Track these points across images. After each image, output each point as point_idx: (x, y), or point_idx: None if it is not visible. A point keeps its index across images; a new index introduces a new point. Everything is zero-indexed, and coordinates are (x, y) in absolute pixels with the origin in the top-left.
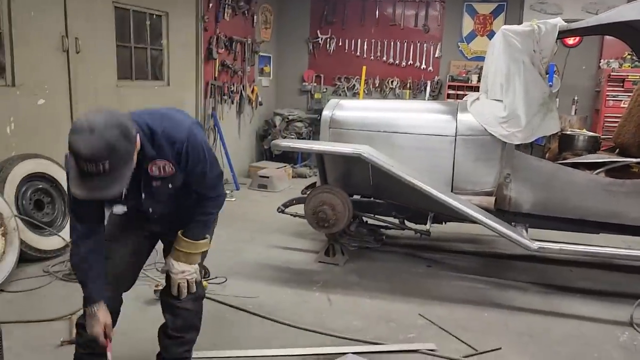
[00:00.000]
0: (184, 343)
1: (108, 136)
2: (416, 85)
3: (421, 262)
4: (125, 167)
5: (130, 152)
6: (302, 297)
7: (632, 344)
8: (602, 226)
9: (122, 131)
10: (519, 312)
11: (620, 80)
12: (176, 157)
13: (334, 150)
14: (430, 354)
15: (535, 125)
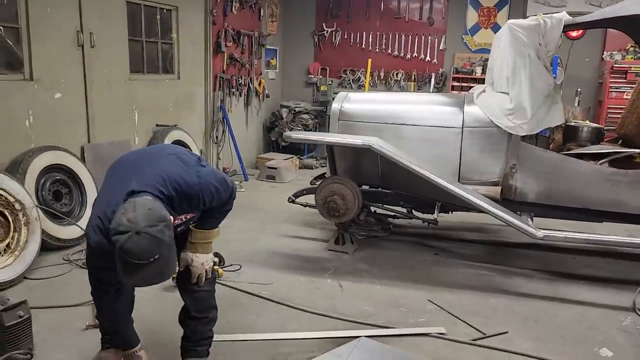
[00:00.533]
0: (207, 322)
1: (153, 233)
2: (421, 77)
3: (429, 250)
4: (172, 251)
5: (172, 237)
6: (314, 284)
7: (634, 328)
8: (605, 215)
9: (163, 223)
10: (525, 298)
11: (623, 72)
12: (195, 206)
13: (344, 142)
14: (440, 337)
15: (541, 116)
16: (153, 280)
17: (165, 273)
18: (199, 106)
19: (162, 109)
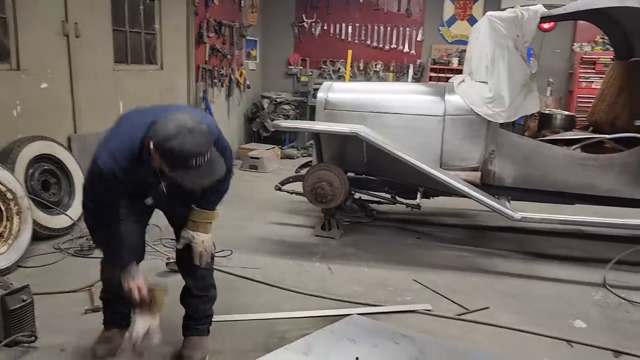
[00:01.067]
0: (208, 300)
1: (201, 130)
2: (399, 68)
3: (411, 234)
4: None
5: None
6: (303, 267)
7: (605, 302)
8: (577, 197)
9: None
10: (503, 276)
11: (592, 62)
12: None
13: (332, 129)
14: (426, 313)
15: (518, 105)
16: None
17: (219, 169)
18: (182, 97)
19: (146, 99)
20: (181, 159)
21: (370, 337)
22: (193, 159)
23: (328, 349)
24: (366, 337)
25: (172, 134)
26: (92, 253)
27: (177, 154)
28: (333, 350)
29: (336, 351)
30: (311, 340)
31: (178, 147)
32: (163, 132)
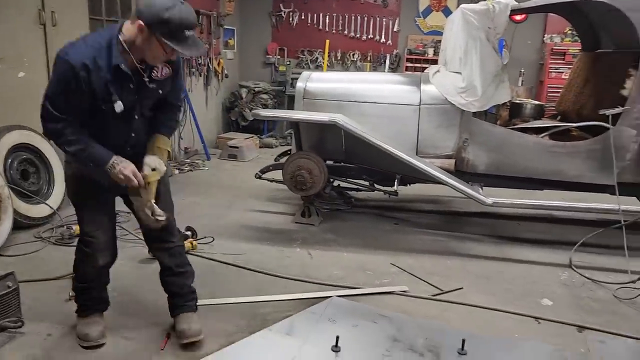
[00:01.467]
0: (189, 275)
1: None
2: (376, 58)
3: (389, 220)
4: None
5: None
6: (284, 253)
7: (571, 281)
8: (546, 183)
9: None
10: (476, 258)
11: (562, 54)
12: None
13: (311, 118)
14: (403, 294)
15: (490, 94)
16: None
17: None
18: None
19: None
20: (180, 26)
21: (350, 318)
22: (190, 26)
23: (309, 329)
24: (346, 317)
25: (169, 5)
26: (73, 242)
27: (177, 21)
28: (314, 330)
29: (317, 331)
30: (293, 321)
31: (177, 15)
32: (158, 5)
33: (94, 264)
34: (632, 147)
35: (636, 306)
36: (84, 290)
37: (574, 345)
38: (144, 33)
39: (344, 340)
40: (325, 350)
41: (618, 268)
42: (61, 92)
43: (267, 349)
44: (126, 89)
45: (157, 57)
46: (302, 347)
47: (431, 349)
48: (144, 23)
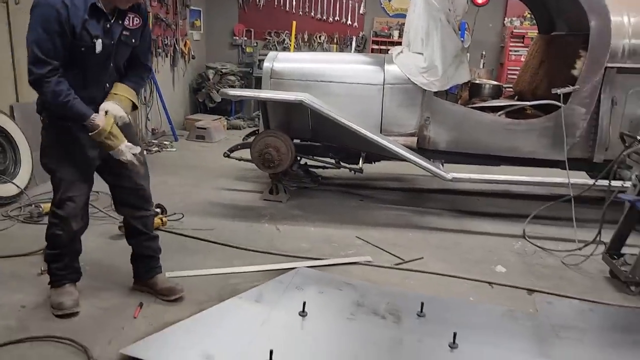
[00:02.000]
0: (157, 237)
1: None
2: (343, 40)
3: (354, 197)
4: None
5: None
6: (253, 228)
7: (523, 250)
8: (503, 159)
9: None
10: (436, 231)
11: (521, 37)
12: (142, 13)
13: (278, 97)
14: (367, 264)
15: (450, 74)
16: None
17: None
18: None
19: None
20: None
21: (316, 286)
22: None
23: (277, 296)
24: (312, 285)
25: None
26: (42, 220)
27: None
28: (282, 297)
29: (285, 298)
30: (262, 290)
31: None
32: None
33: (68, 228)
34: (582, 125)
35: (581, 271)
36: (57, 258)
37: (524, 307)
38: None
39: (311, 306)
40: (293, 315)
41: (567, 238)
42: (44, 34)
43: (238, 314)
44: (104, 30)
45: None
46: (270, 313)
47: (392, 312)
48: None
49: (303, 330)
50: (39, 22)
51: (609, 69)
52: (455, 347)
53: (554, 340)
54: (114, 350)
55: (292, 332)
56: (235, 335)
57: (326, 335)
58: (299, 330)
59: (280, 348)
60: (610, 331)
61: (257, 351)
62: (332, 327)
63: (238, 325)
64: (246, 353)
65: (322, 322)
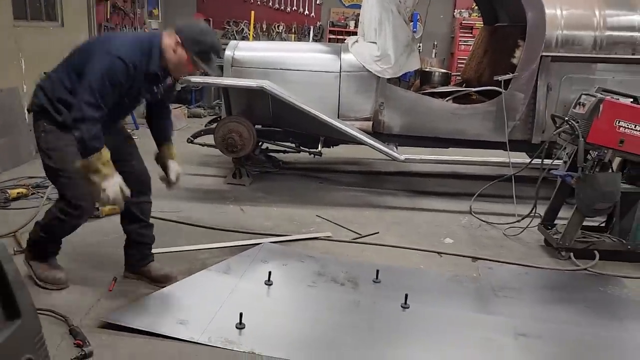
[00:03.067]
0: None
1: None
2: (300, 29)
3: (314, 180)
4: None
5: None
6: (219, 209)
7: (469, 224)
8: (451, 142)
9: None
10: (391, 209)
11: (470, 27)
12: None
13: (240, 84)
14: (327, 239)
15: (402, 62)
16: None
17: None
18: None
19: (49, 57)
20: (210, 49)
21: (280, 259)
22: (217, 52)
23: (244, 268)
24: (276, 258)
25: (205, 30)
26: (9, 205)
27: (208, 44)
28: (249, 269)
29: (251, 270)
30: (229, 263)
31: (210, 39)
32: (196, 30)
33: (75, 224)
34: (521, 109)
35: (519, 241)
36: (53, 239)
37: (468, 272)
38: (178, 47)
39: (275, 276)
40: (259, 284)
41: (508, 212)
42: (109, 85)
43: (208, 285)
44: (151, 91)
45: (182, 70)
46: (238, 283)
47: (350, 280)
48: (181, 40)
49: (269, 297)
50: (106, 72)
51: (544, 57)
52: (407, 307)
53: (493, 299)
54: (93, 320)
55: (259, 299)
56: (206, 303)
57: (290, 301)
58: (265, 297)
59: (249, 312)
60: (542, 290)
61: (227, 315)
62: (295, 294)
63: (209, 294)
64: (217, 317)
65: (286, 290)
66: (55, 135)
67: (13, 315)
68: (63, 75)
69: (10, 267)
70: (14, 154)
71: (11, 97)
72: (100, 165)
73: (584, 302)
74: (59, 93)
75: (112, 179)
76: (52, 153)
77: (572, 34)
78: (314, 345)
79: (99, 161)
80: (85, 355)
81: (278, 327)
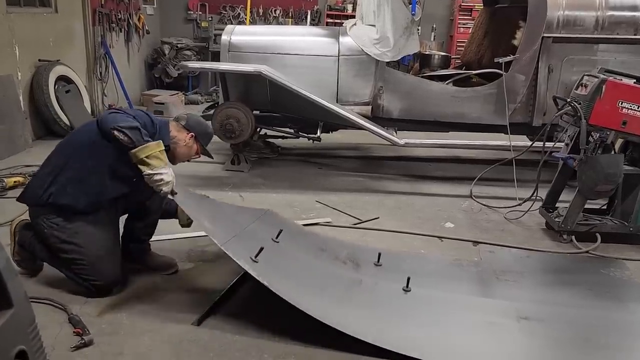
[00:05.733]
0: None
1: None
2: (297, 14)
3: (313, 165)
4: None
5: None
6: (217, 196)
7: (470, 208)
8: (451, 126)
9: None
10: (391, 194)
11: (469, 10)
12: None
13: (237, 69)
14: (327, 225)
15: (401, 45)
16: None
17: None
18: (79, 41)
19: (42, 44)
20: (210, 139)
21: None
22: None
23: (250, 222)
24: (280, 226)
25: (206, 125)
26: (6, 194)
27: (210, 135)
28: (255, 224)
29: (258, 225)
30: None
31: (211, 132)
32: (204, 125)
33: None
34: (522, 91)
35: (521, 224)
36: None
37: (470, 256)
38: (191, 140)
39: (284, 237)
40: (268, 239)
41: (509, 196)
42: (144, 129)
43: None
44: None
45: (190, 155)
46: (250, 225)
47: (352, 260)
48: (195, 135)
49: (279, 247)
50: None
51: (545, 38)
52: (409, 290)
53: (495, 282)
54: (93, 308)
55: (270, 247)
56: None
57: (297, 259)
58: (275, 246)
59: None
60: (544, 273)
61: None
62: (301, 257)
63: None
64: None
65: (293, 250)
66: (62, 227)
67: (4, 305)
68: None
69: (1, 255)
70: (10, 143)
71: (6, 84)
72: (158, 151)
73: (586, 284)
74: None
75: (170, 170)
76: (66, 246)
77: (573, 15)
78: (321, 301)
79: (158, 148)
80: (85, 343)
81: (290, 273)
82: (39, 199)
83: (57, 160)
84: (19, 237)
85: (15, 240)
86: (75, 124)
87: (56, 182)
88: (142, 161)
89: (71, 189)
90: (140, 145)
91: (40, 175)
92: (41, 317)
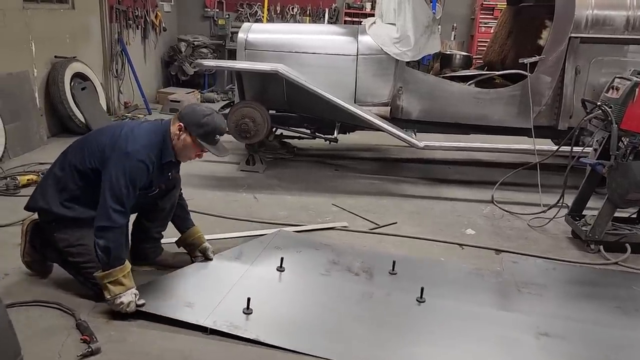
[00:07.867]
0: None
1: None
2: (315, 12)
3: (330, 167)
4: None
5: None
6: (231, 197)
7: (491, 214)
8: (472, 128)
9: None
10: (409, 198)
11: (491, 9)
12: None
13: (253, 67)
14: (344, 229)
15: (422, 44)
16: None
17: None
18: (96, 38)
19: (59, 40)
20: (213, 131)
21: (295, 246)
22: (221, 132)
23: (257, 254)
24: (291, 245)
25: (207, 113)
26: (19, 192)
27: (211, 126)
28: (262, 255)
29: (264, 256)
30: (242, 248)
31: (212, 121)
32: (198, 112)
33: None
34: (547, 93)
35: (545, 232)
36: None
37: (491, 265)
38: (182, 133)
39: (288, 263)
40: (271, 270)
41: (533, 202)
42: (132, 190)
43: (218, 269)
44: (163, 179)
45: (189, 155)
46: (249, 268)
47: (366, 270)
48: (183, 125)
49: (280, 284)
50: (129, 177)
51: (573, 38)
52: (423, 302)
53: (515, 295)
54: (101, 314)
55: (269, 284)
56: (215, 287)
57: (301, 289)
58: (276, 283)
59: (258, 298)
60: (569, 286)
61: (235, 300)
62: (307, 281)
63: (218, 278)
64: (225, 302)
65: (298, 277)
66: (70, 231)
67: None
68: (66, 179)
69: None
70: (25, 139)
71: (21, 80)
72: (121, 277)
73: (614, 300)
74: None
75: (131, 290)
76: (74, 250)
77: (603, 14)
78: (321, 336)
79: (121, 273)
80: (92, 352)
81: (286, 315)
82: (46, 212)
83: (63, 173)
84: (31, 236)
85: (26, 239)
86: (91, 122)
87: (61, 197)
88: (105, 286)
89: (78, 203)
90: (106, 271)
91: (44, 186)
92: (49, 322)
